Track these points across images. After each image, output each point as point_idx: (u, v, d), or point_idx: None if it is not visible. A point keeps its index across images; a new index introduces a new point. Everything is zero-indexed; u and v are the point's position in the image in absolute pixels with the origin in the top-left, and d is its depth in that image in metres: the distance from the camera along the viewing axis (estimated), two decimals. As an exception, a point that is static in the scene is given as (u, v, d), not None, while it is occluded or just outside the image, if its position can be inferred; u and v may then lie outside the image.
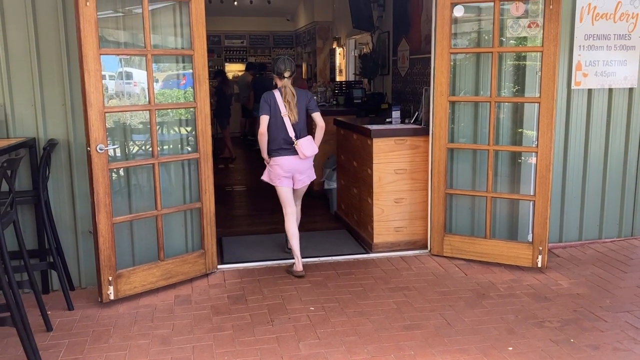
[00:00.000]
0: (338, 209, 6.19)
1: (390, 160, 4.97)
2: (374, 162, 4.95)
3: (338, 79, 11.65)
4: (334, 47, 11.87)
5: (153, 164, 4.14)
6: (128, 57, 4.30)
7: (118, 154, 4.15)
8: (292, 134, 4.47)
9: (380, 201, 5.00)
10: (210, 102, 10.46)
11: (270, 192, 4.96)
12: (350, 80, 10.51)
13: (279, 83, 4.57)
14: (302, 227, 5.83)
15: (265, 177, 4.75)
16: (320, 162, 7.12)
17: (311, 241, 5.35)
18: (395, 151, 4.96)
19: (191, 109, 4.37)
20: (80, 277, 4.37)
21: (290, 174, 4.60)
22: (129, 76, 4.40)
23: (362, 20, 8.85)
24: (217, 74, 10.36)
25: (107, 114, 3.93)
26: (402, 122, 5.37)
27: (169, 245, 4.34)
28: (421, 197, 5.04)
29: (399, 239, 5.07)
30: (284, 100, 4.47)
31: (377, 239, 5.04)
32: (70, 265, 4.31)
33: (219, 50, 15.19)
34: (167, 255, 4.30)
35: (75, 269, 4.35)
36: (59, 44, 4.08)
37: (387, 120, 5.44)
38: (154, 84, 4.17)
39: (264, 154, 4.61)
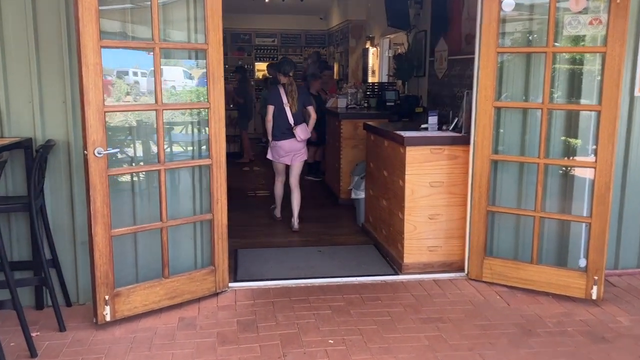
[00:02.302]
0: (366, 222, 5.69)
1: (425, 172, 4.45)
2: (406, 172, 4.43)
3: (370, 80, 11.13)
4: (367, 46, 11.35)
5: (159, 171, 3.71)
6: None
7: (120, 158, 3.72)
8: (291, 121, 5.71)
9: (412, 217, 4.48)
10: (238, 102, 10.18)
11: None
12: (383, 81, 9.98)
13: (284, 80, 5.85)
14: (326, 240, 5.39)
15: (269, 156, 5.98)
16: (348, 169, 6.64)
17: (335, 257, 4.86)
18: (431, 161, 4.44)
19: (203, 110, 3.93)
20: (79, 292, 3.97)
21: (290, 154, 5.82)
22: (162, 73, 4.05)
23: (398, 18, 8.31)
24: (236, 70, 9.88)
25: (108, 114, 3.52)
26: (439, 128, 4.84)
27: (175, 260, 3.92)
28: (459, 214, 4.50)
29: (432, 260, 4.54)
30: (288, 94, 5.72)
31: (408, 258, 4.52)
32: (68, 278, 3.92)
33: (249, 48, 14.81)
34: (172, 272, 3.86)
35: (73, 282, 3.95)
36: (60, 34, 3.68)
37: (422, 126, 4.92)
38: (166, 81, 3.76)
39: (269, 137, 5.84)
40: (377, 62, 10.91)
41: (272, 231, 5.78)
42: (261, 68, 14.83)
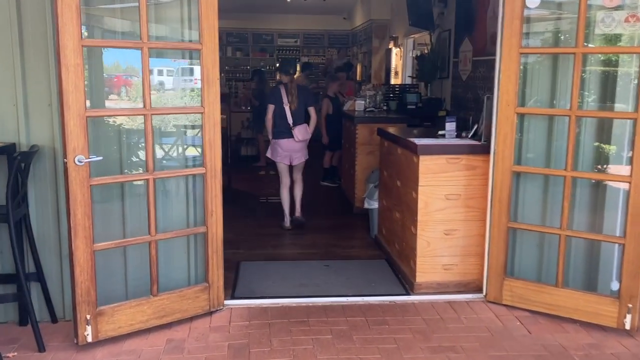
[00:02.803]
0: (379, 233, 5.34)
1: (441, 183, 4.08)
2: (420, 184, 4.08)
3: (393, 81, 10.76)
4: (390, 47, 10.98)
5: (147, 180, 3.43)
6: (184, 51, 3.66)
7: (105, 165, 3.45)
8: (290, 121, 5.69)
9: (426, 232, 4.12)
10: (254, 104, 9.92)
11: (311, 208, 6.26)
12: (405, 83, 9.61)
13: (285, 79, 5.82)
14: (335, 253, 5.06)
15: (268, 154, 5.98)
16: (363, 176, 6.30)
17: (342, 273, 4.53)
18: (447, 172, 4.08)
19: (197, 115, 3.64)
20: (65, 308, 3.71)
21: (288, 153, 5.78)
22: (190, 72, 3.81)
23: (420, 18, 7.94)
24: (254, 74, 9.60)
25: (90, 119, 3.25)
26: (458, 135, 4.47)
27: (165, 276, 3.63)
28: (477, 230, 4.12)
29: (447, 279, 4.18)
30: (289, 93, 5.71)
31: (421, 277, 4.17)
32: (54, 293, 3.67)
33: (271, 49, 14.57)
34: (162, 288, 3.58)
35: (59, 297, 3.70)
36: (45, 33, 3.43)
37: (439, 133, 4.55)
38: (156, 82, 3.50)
39: (270, 136, 5.84)
40: (400, 63, 10.54)
41: (280, 241, 5.47)
42: (283, 69, 14.58)
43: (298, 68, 10.96)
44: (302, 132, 5.72)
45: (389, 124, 6.41)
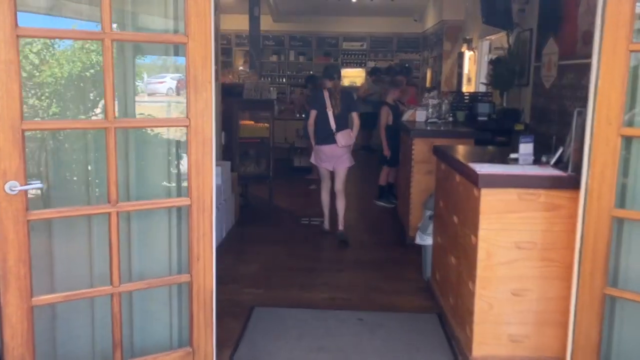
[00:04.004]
0: (432, 277, 4.31)
1: (509, 226, 3.03)
2: (481, 225, 3.04)
3: (465, 88, 9.62)
4: (462, 50, 9.85)
5: (109, 214, 2.61)
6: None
7: (51, 194, 2.66)
8: (333, 126, 5.50)
9: (487, 291, 3.08)
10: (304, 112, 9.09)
11: (357, 234, 5.89)
12: (476, 91, 8.46)
13: (329, 84, 5.62)
14: (375, 300, 4.08)
15: (312, 159, 5.90)
16: (419, 200, 5.30)
17: (380, 332, 3.56)
18: (519, 212, 3.02)
19: (180, 129, 2.80)
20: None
21: (330, 159, 5.63)
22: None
23: (496, 15, 6.82)
24: (308, 80, 8.71)
25: (28, 133, 2.47)
26: (537, 161, 3.38)
27: (134, 338, 2.80)
28: (557, 291, 3.04)
29: (515, 354, 3.11)
30: (332, 98, 5.54)
31: (479, 349, 3.12)
32: None
33: (335, 53, 13.70)
34: (130, 354, 2.75)
35: None
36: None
37: (511, 156, 3.48)
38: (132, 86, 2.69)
39: (312, 141, 5.71)
40: (474, 69, 9.39)
41: (311, 279, 4.53)
42: (348, 74, 13.70)
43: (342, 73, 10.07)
44: (344, 138, 5.51)
45: (453, 138, 5.36)
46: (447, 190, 3.84)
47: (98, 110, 2.71)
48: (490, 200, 3.02)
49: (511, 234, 3.04)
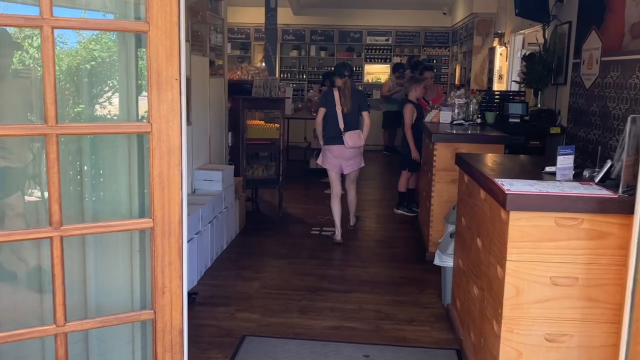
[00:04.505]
0: (452, 304, 3.76)
1: (544, 258, 2.48)
2: (509, 255, 2.50)
3: (496, 87, 8.98)
4: (494, 45, 9.21)
5: (50, 239, 2.15)
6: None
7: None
8: (342, 125, 5.27)
9: (515, 334, 2.54)
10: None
11: (371, 246, 5.43)
12: (508, 90, 7.83)
13: (339, 82, 5.39)
14: (387, 331, 3.56)
15: (319, 161, 5.57)
16: (441, 212, 4.76)
17: (385, 373, 3.03)
18: (557, 240, 2.46)
19: (140, 137, 2.32)
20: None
21: (338, 160, 5.37)
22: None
23: (531, 6, 6.20)
24: (325, 77, 8.13)
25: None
26: (578, 177, 2.82)
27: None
28: (603, 338, 2.48)
29: (548, 412, 2.56)
30: (342, 96, 5.30)
31: (504, 405, 2.58)
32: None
33: (359, 48, 13.12)
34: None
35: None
36: None
37: (547, 170, 2.92)
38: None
39: (320, 140, 5.51)
40: (505, 66, 8.75)
41: (313, 302, 4.02)
42: (372, 70, 13.14)
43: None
44: (353, 138, 5.27)
45: (480, 144, 4.80)
46: (471, 206, 3.29)
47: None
48: (520, 226, 2.47)
49: (546, 267, 2.48)
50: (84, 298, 2.38)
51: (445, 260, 3.84)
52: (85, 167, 2.34)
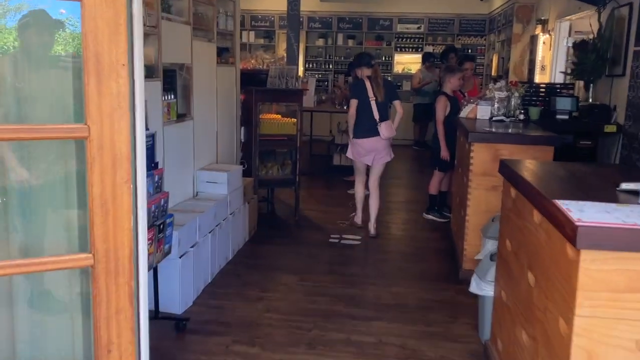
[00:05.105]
0: (492, 342, 3.10)
1: (628, 314, 1.81)
2: (578, 308, 1.84)
3: (538, 79, 8.19)
4: (536, 33, 8.40)
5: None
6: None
7: None
8: (376, 116, 5.12)
9: (584, 414, 1.88)
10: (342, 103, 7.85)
11: (395, 259, 4.82)
12: (554, 82, 7.06)
13: (367, 72, 5.25)
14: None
15: (349, 154, 5.40)
16: (477, 222, 4.10)
17: None
18: (646, 291, 1.79)
19: (73, 143, 1.73)
20: None
21: (371, 153, 5.22)
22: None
23: (585, -14, 5.44)
24: (350, 67, 7.34)
25: None
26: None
27: None
28: None
29: None
30: (374, 84, 5.16)
31: None
32: None
33: (389, 37, 12.39)
34: None
35: None
36: None
37: (623, 187, 2.24)
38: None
39: (350, 133, 5.28)
40: (549, 55, 7.95)
41: (325, 332, 3.38)
42: (402, 60, 12.40)
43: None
44: (387, 129, 5.13)
45: (525, 145, 4.11)
46: (519, 229, 2.62)
47: None
48: (596, 270, 1.81)
49: (632, 327, 1.82)
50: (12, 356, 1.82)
51: (483, 288, 3.17)
52: (8, 186, 1.75)
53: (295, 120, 5.52)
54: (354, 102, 5.16)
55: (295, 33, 8.17)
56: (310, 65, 12.61)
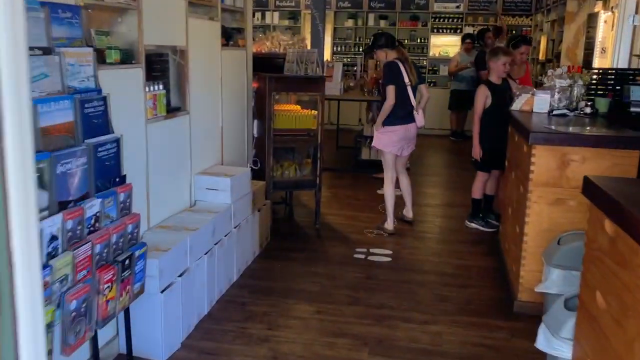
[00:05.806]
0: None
1: None
2: None
3: (598, 63, 7.19)
4: (595, 11, 7.40)
5: None
6: None
7: None
8: (413, 102, 4.75)
9: None
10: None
11: (430, 281, 4.00)
12: (625, 68, 6.08)
13: (396, 54, 4.79)
14: None
15: (379, 145, 4.87)
16: (538, 244, 3.28)
17: None
18: None
19: None
20: None
21: (404, 142, 4.81)
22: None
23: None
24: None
25: None
26: None
27: None
28: None
29: None
30: (407, 66, 4.73)
31: None
32: None
33: (424, 17, 11.43)
34: None
35: None
36: None
37: None
38: None
39: (380, 122, 4.77)
40: (611, 35, 6.95)
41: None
42: (438, 43, 11.46)
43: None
44: (422, 116, 4.84)
45: (603, 148, 3.24)
46: (619, 279, 1.81)
47: None
48: None
49: None
50: None
51: (556, 348, 2.36)
52: None
53: (316, 112, 4.74)
54: (391, 89, 4.64)
55: (321, 12, 7.38)
56: (338, 49, 11.76)
